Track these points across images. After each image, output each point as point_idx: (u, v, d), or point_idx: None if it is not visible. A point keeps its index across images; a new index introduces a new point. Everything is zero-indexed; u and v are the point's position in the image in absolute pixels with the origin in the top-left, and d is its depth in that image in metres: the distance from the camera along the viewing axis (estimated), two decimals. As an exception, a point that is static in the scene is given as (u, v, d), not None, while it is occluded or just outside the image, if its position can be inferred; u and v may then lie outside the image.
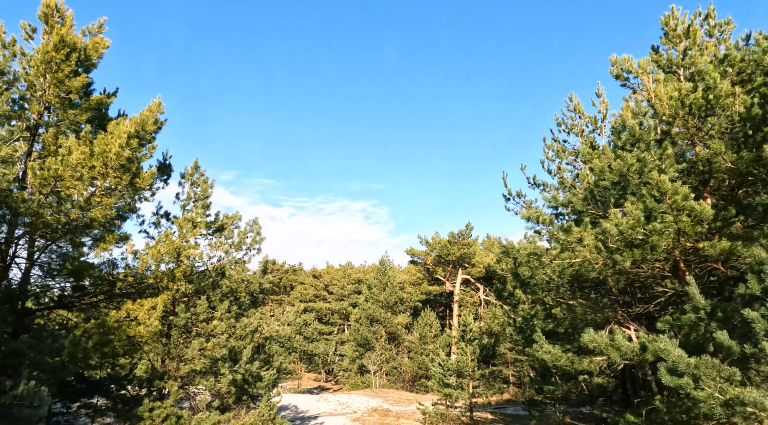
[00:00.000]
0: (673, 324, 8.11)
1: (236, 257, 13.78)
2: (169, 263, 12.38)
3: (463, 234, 43.99)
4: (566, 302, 11.47)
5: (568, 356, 10.38)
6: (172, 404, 11.22)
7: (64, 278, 11.31)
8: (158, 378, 11.53)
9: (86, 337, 9.33)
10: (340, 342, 59.43)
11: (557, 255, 9.74)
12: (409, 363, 43.02)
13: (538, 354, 11.24)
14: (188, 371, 11.80)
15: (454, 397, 18.44)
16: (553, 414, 16.95)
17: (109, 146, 10.64)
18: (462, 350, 18.87)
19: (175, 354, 11.51)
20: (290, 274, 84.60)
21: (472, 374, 18.75)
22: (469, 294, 47.47)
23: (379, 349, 43.06)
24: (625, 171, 9.83)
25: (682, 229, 8.09)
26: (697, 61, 10.99)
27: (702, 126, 9.75)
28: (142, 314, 10.46)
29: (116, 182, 10.90)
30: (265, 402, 13.88)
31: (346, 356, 49.44)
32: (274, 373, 14.53)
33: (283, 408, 29.35)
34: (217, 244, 13.56)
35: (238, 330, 12.55)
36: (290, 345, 50.29)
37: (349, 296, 64.27)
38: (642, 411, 9.72)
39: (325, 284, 70.03)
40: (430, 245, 45.19)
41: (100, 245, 10.32)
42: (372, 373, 39.75)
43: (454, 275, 45.90)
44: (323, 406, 30.05)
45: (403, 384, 43.64)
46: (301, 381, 51.40)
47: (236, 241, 13.82)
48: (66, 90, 11.28)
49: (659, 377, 5.87)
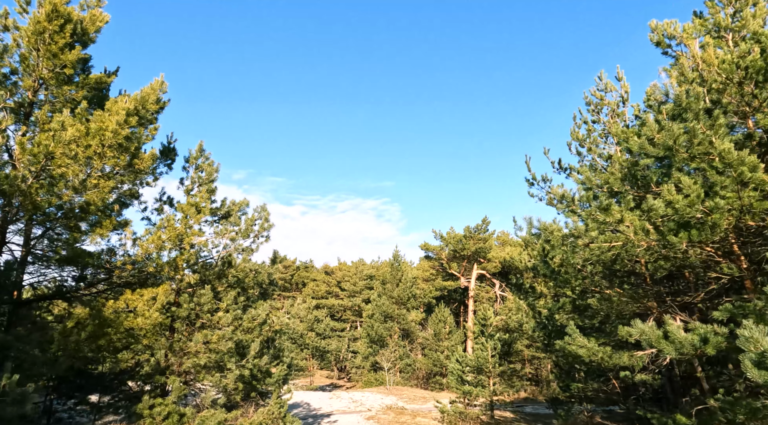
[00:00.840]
0: (735, 313, 7.09)
1: (243, 246, 12.97)
2: (172, 251, 11.60)
3: (479, 229, 42.91)
4: (601, 291, 10.45)
5: (605, 350, 9.39)
6: (174, 401, 10.44)
7: (60, 267, 10.58)
8: (160, 374, 10.76)
9: (79, 329, 8.57)
10: (352, 338, 58.70)
11: (596, 237, 8.74)
12: (424, 360, 42.11)
13: (570, 349, 10.25)
14: (192, 365, 11.02)
15: (474, 395, 17.49)
16: (580, 414, 15.92)
17: (106, 124, 9.86)
18: (482, 345, 17.91)
19: (178, 347, 10.73)
20: (302, 271, 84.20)
21: (493, 370, 17.78)
22: (485, 290, 46.39)
23: (392, 346, 42.20)
24: (671, 144, 8.80)
25: (746, 205, 7.07)
26: (750, 23, 9.91)
27: (760, 93, 8.68)
28: (142, 305, 9.68)
29: (114, 162, 10.13)
30: (275, 399, 13.07)
31: (359, 353, 48.67)
32: (284, 369, 13.73)
33: (295, 406, 28.64)
34: (223, 231, 12.76)
35: (245, 322, 11.73)
36: (302, 342, 49.69)
37: (361, 292, 63.53)
38: (691, 411, 8.70)
39: (337, 280, 69.36)
40: (445, 240, 44.18)
41: (96, 230, 9.55)
42: (386, 370, 38.92)
43: (469, 270, 44.86)
44: (336, 404, 29.28)
45: (417, 382, 42.75)
46: (314, 379, 50.76)
47: (243, 228, 13.00)
48: (60, 64, 10.53)
49: (745, 371, 4.90)
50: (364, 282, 64.77)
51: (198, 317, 11.85)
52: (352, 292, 64.48)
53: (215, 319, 11.54)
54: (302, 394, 34.44)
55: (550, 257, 11.01)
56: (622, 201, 9.40)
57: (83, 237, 9.78)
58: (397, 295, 44.91)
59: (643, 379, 9.40)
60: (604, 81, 15.78)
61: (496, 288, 43.25)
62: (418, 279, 52.23)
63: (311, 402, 29.84)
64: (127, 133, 10.02)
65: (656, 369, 9.24)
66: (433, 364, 41.11)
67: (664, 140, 8.97)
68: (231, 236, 12.62)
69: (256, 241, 13.48)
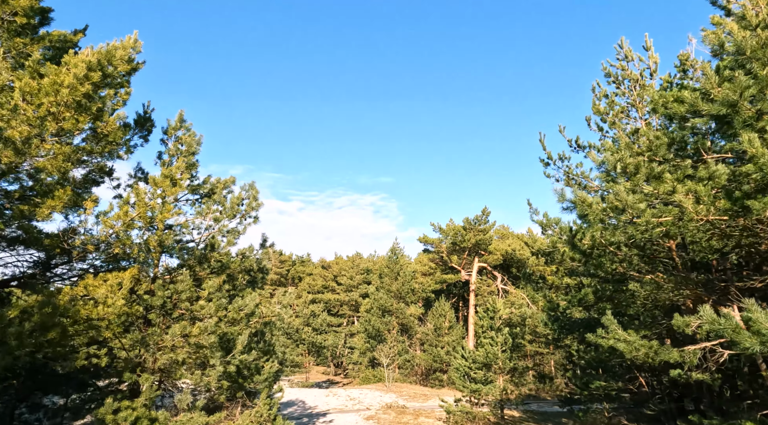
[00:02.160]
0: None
1: (228, 227, 11.49)
2: (146, 232, 10.12)
3: (479, 220, 41.47)
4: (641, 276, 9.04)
5: (650, 345, 7.98)
6: (146, 403, 8.98)
7: (11, 247, 9.08)
8: (131, 371, 9.29)
9: (23, 319, 7.09)
10: (349, 334, 57.35)
11: (643, 211, 7.32)
12: (423, 356, 40.78)
13: (605, 343, 8.83)
14: (168, 362, 9.55)
15: (483, 393, 16.12)
16: (600, 414, 14.56)
17: (62, 78, 8.35)
18: (491, 339, 16.53)
19: (152, 341, 9.25)
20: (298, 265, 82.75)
21: (503, 367, 16.41)
22: (486, 283, 45.05)
23: (391, 341, 40.84)
24: (734, 99, 7.38)
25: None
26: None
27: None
28: (104, 291, 8.20)
29: (72, 125, 8.61)
30: (264, 399, 11.64)
31: (356, 348, 47.34)
32: (275, 365, 12.29)
33: (290, 404, 27.22)
34: (205, 211, 11.27)
35: (230, 312, 10.26)
36: (298, 337, 48.33)
37: (358, 286, 62.12)
38: (756, 415, 7.34)
39: (333, 274, 67.89)
40: (444, 232, 42.74)
41: (47, 202, 8.03)
42: (384, 366, 37.54)
43: (469, 263, 43.49)
44: (333, 402, 27.88)
45: (417, 378, 41.44)
46: (309, 375, 49.40)
47: (228, 207, 11.52)
48: (10, 11, 9.01)
49: None
50: (361, 276, 63.36)
51: (176, 306, 10.37)
52: (348, 286, 63.06)
53: (196, 309, 10.06)
54: (297, 391, 33.04)
55: (579, 237, 9.59)
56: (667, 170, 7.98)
57: (34, 213, 8.27)
58: (395, 289, 43.52)
59: (700, 379, 8.02)
60: (624, 49, 14.32)
61: (498, 282, 41.92)
62: (416, 273, 50.84)
63: (306, 400, 28.43)
64: (87, 90, 8.50)
65: (713, 367, 7.84)
66: (433, 360, 39.79)
67: (724, 94, 7.53)
68: (214, 215, 11.14)
69: (242, 222, 12.01)
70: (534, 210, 12.35)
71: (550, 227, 12.14)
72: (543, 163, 14.14)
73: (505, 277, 43.35)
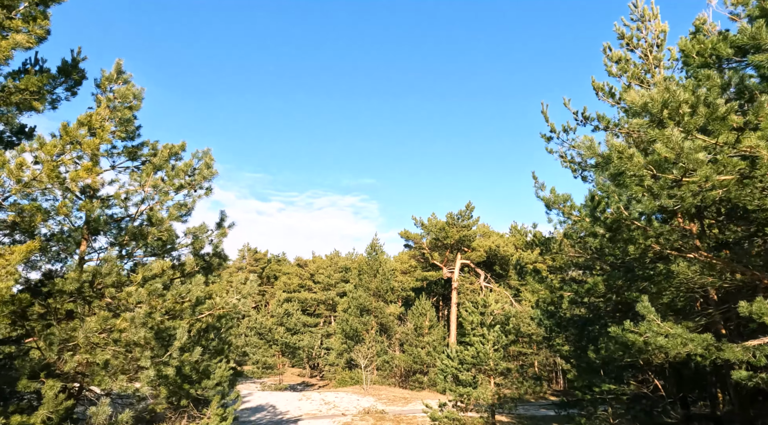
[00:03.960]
0: None
1: (174, 199, 9.40)
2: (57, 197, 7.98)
3: (462, 215, 39.86)
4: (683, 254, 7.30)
5: (704, 339, 6.22)
6: (50, 416, 6.85)
7: None
8: (28, 377, 7.14)
9: None
10: (326, 334, 55.11)
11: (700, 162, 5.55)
12: (403, 357, 38.92)
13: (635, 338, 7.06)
14: (81, 364, 7.43)
15: (473, 397, 14.31)
16: (605, 421, 12.88)
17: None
18: (482, 337, 14.74)
19: (56, 338, 7.12)
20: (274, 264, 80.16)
21: (495, 368, 14.64)
22: (469, 281, 43.47)
23: (369, 341, 38.88)
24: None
25: None
26: None
27: None
28: (-15, 268, 6.07)
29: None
30: (216, 409, 9.57)
31: (333, 349, 45.18)
32: (228, 367, 10.21)
33: (259, 409, 25.02)
34: (144, 178, 9.15)
35: (168, 301, 8.18)
36: (271, 337, 45.95)
37: (335, 285, 59.91)
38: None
39: (310, 273, 65.53)
40: (426, 228, 40.98)
41: None
42: (362, 368, 35.58)
43: (451, 260, 41.84)
44: (306, 406, 25.76)
45: (396, 380, 39.56)
46: (283, 377, 47.03)
47: (173, 174, 9.42)
48: None
49: None
50: (339, 274, 61.20)
51: (100, 294, 8.24)
52: (326, 285, 60.82)
53: (123, 296, 7.96)
54: (268, 395, 30.79)
55: (602, 208, 7.82)
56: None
57: None
58: (374, 287, 41.57)
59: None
60: (640, 8, 12.69)
61: (481, 279, 40.34)
62: (396, 271, 49.00)
63: (277, 405, 26.25)
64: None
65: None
66: (414, 361, 37.96)
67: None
68: (154, 182, 9.04)
69: (191, 194, 9.93)
70: (540, 185, 10.58)
71: (557, 205, 10.37)
72: (545, 138, 12.47)
73: (489, 275, 41.84)
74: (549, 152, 12.33)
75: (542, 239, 14.60)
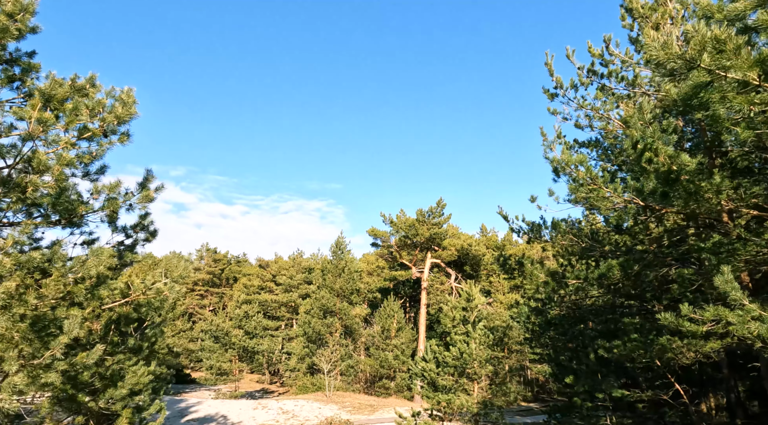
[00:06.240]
0: None
1: (69, 140, 6.95)
2: None
3: (433, 212, 38.03)
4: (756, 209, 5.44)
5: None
6: None
7: None
8: None
9: None
10: (287, 338, 52.25)
11: None
12: (369, 361, 36.66)
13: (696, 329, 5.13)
14: None
15: (455, 405, 12.23)
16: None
17: None
18: (465, 337, 12.72)
19: None
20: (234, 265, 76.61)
21: (479, 371, 12.65)
22: (439, 281, 41.70)
23: (333, 345, 36.46)
24: None
25: None
26: None
27: None
28: None
29: None
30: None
31: (294, 354, 42.46)
32: (147, 372, 7.73)
33: (207, 420, 22.22)
34: (27, 112, 6.69)
35: (53, 279, 5.77)
36: (227, 341, 42.80)
37: (298, 286, 57.05)
38: None
39: (272, 274, 62.34)
40: (395, 225, 38.91)
41: None
42: (325, 373, 33.13)
43: (421, 259, 39.94)
44: (261, 416, 23.13)
45: (361, 386, 37.25)
46: (240, 384, 43.86)
47: (70, 109, 6.97)
48: None
49: None
50: (302, 276, 58.44)
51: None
52: (288, 286, 57.88)
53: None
54: (220, 404, 27.90)
55: (648, 156, 5.88)
56: None
57: None
58: (338, 287, 39.21)
59: None
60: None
61: (452, 279, 38.57)
62: (363, 272, 46.83)
63: (229, 415, 23.50)
64: None
65: None
66: (380, 365, 35.77)
67: None
68: (41, 116, 6.57)
69: (100, 141, 7.50)
70: (549, 143, 8.67)
71: (568, 168, 8.47)
72: (548, 95, 10.63)
73: (460, 275, 40.17)
74: (552, 113, 10.49)
75: (531, 225, 12.80)
